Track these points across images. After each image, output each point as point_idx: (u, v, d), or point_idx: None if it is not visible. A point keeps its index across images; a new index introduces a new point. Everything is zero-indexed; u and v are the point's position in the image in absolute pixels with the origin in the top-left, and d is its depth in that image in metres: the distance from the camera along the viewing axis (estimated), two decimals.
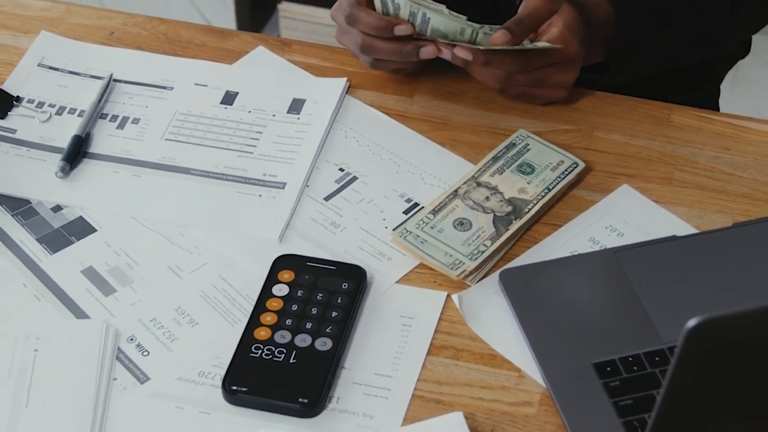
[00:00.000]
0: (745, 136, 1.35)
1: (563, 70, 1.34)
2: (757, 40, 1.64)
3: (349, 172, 1.32)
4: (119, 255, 1.24)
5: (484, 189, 1.28)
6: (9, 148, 1.35)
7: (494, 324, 1.17)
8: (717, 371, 0.88)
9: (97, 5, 2.99)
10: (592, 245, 1.24)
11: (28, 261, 1.23)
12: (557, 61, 1.32)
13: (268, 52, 1.46)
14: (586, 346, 1.14)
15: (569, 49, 1.31)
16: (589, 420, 1.09)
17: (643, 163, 1.32)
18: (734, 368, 0.88)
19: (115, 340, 1.16)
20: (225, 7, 3.05)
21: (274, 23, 2.92)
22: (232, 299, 1.20)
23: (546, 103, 1.38)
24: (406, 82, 1.41)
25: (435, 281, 1.21)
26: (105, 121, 1.38)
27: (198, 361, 1.15)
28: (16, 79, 1.42)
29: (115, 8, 1.56)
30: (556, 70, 1.33)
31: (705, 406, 0.91)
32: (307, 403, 1.10)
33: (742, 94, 2.88)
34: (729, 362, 0.88)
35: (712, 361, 0.87)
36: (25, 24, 1.49)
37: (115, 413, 1.10)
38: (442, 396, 1.12)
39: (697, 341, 0.84)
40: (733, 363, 0.88)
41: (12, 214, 1.28)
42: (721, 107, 1.67)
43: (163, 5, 3.06)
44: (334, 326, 1.15)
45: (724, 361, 0.87)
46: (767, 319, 0.86)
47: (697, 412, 0.91)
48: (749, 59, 2.88)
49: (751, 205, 1.28)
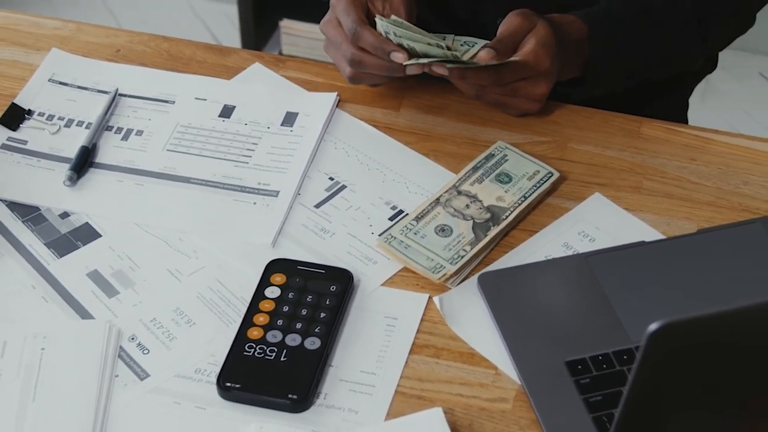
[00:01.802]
0: (710, 148, 1.34)
1: (535, 84, 1.32)
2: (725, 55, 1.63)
3: (338, 181, 1.31)
4: (122, 259, 1.23)
5: (464, 197, 1.27)
6: (20, 159, 1.33)
7: (473, 324, 1.16)
8: (677, 371, 0.87)
9: (114, 24, 2.99)
10: (566, 250, 1.23)
11: (37, 264, 1.22)
12: (529, 75, 1.31)
13: (263, 68, 1.44)
14: (558, 345, 1.13)
15: (541, 64, 1.30)
16: (561, 415, 1.08)
17: (614, 173, 1.31)
18: (694, 368, 0.88)
19: (117, 339, 1.15)
20: (231, 24, 3.04)
21: (276, 39, 2.90)
22: (227, 301, 1.18)
23: (520, 114, 1.37)
24: (392, 97, 1.40)
25: (418, 284, 1.20)
26: (110, 133, 1.37)
27: (195, 359, 1.13)
28: (28, 93, 1.41)
29: (128, 27, 1.54)
30: (528, 83, 1.32)
31: (667, 403, 0.90)
32: (296, 398, 1.09)
33: (711, 106, 2.87)
34: (689, 362, 0.87)
35: (673, 362, 0.86)
36: (38, 41, 1.48)
37: (116, 408, 1.09)
38: (424, 392, 1.11)
39: (658, 343, 0.83)
40: (692, 363, 0.87)
41: (22, 220, 1.27)
42: (691, 119, 1.65)
43: (173, 23, 3.05)
44: (322, 326, 1.14)
45: (684, 362, 0.86)
46: (725, 323, 0.85)
47: (659, 408, 0.90)
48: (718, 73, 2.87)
49: (716, 212, 1.27)
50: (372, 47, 1.29)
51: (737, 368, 0.90)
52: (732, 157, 1.33)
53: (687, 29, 1.40)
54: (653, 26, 1.39)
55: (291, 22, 2.84)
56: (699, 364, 0.88)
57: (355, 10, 1.31)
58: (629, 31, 1.37)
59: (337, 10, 1.33)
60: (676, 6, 1.39)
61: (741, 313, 0.85)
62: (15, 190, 1.29)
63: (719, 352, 0.87)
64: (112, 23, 3.00)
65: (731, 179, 1.30)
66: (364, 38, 1.29)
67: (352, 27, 1.30)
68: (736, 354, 0.88)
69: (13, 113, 1.38)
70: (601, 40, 1.36)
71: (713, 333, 0.85)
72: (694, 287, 1.18)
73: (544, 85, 1.33)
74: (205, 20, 3.08)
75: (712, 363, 0.88)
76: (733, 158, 1.33)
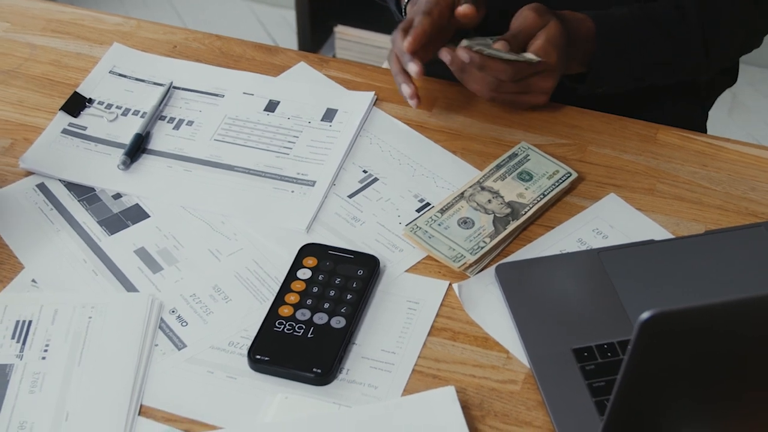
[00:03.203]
0: (721, 155, 1.33)
1: (544, 78, 1.33)
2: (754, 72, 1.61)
3: (371, 174, 1.32)
4: (168, 238, 1.24)
5: (487, 193, 1.27)
6: (79, 143, 1.35)
7: (488, 311, 1.17)
8: (668, 359, 0.87)
9: (180, 24, 3.02)
10: (580, 245, 1.23)
11: (89, 240, 1.24)
12: (540, 70, 1.32)
13: (308, 67, 1.46)
14: (567, 333, 1.13)
15: (549, 60, 1.30)
16: (566, 398, 1.08)
17: (630, 175, 1.31)
18: (685, 358, 0.88)
19: (158, 311, 1.16)
20: (290, 28, 3.06)
21: (331, 44, 2.91)
22: (262, 280, 1.20)
23: (529, 107, 1.38)
24: (426, 98, 1.41)
25: (439, 272, 1.20)
26: (163, 122, 1.38)
27: (229, 333, 1.15)
28: (90, 83, 1.43)
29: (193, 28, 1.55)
30: (539, 78, 1.33)
31: (660, 391, 0.90)
32: (320, 373, 1.10)
33: (738, 121, 2.85)
34: (679, 352, 0.87)
35: (664, 350, 0.86)
36: (101, 36, 1.50)
37: (154, 374, 1.11)
38: (439, 372, 1.11)
39: (649, 332, 0.83)
40: (683, 353, 0.87)
41: (78, 199, 1.29)
42: (717, 131, 1.63)
43: (236, 26, 3.07)
44: (348, 307, 1.15)
45: (674, 351, 0.86)
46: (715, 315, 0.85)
47: (652, 395, 0.91)
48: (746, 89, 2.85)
49: (723, 215, 1.26)
50: (398, 53, 1.31)
51: (727, 359, 0.90)
52: (742, 165, 1.32)
53: (691, 41, 1.40)
54: (658, 33, 1.39)
55: (345, 28, 2.85)
56: (690, 354, 0.88)
57: None
58: (634, 34, 1.37)
59: None
60: (683, 18, 1.38)
61: (730, 305, 0.85)
62: (73, 171, 1.31)
63: (710, 342, 0.87)
64: (179, 24, 3.03)
65: (739, 185, 1.30)
66: (396, 44, 1.31)
67: None
68: (726, 345, 0.88)
69: (75, 101, 1.40)
70: (607, 39, 1.36)
71: (703, 324, 0.85)
72: (698, 284, 1.18)
73: (551, 80, 1.33)
74: (265, 24, 3.10)
75: (703, 353, 0.88)
76: (743, 166, 1.32)
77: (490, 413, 1.07)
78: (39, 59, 1.46)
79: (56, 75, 1.44)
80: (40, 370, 1.10)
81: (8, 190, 1.29)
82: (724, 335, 0.87)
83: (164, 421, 1.07)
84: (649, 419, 0.95)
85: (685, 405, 0.94)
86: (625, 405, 0.89)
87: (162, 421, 1.07)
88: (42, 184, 1.30)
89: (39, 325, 1.14)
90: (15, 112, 1.39)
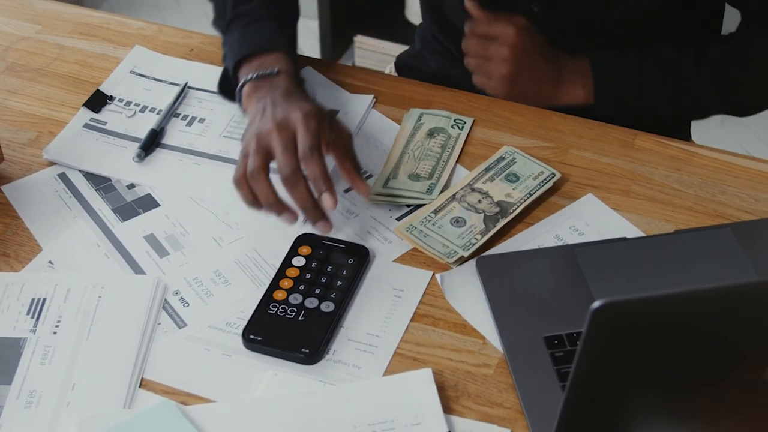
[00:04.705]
0: (693, 160, 1.33)
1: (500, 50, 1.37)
2: None
3: (366, 171, 1.32)
4: (175, 226, 1.25)
5: (477, 194, 1.27)
6: (99, 137, 1.36)
7: (468, 300, 1.17)
8: (620, 346, 0.86)
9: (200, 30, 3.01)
10: (557, 241, 1.23)
11: (103, 226, 1.25)
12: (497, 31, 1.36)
13: (314, 71, 1.46)
14: (539, 322, 1.13)
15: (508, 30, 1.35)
16: (535, 382, 1.08)
17: (607, 177, 1.31)
18: (635, 345, 0.87)
19: (163, 293, 1.17)
20: (314, 37, 3.06)
21: (350, 52, 2.92)
22: (260, 266, 1.20)
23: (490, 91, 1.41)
24: (421, 102, 1.41)
25: (424, 262, 1.21)
26: (177, 119, 1.39)
27: (226, 314, 1.15)
28: (112, 82, 1.44)
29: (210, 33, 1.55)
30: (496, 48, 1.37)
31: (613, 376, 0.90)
32: (308, 352, 1.10)
33: (729, 131, 2.83)
34: (630, 340, 0.86)
35: (615, 338, 0.85)
36: (124, 39, 1.51)
37: (156, 350, 1.12)
38: (419, 355, 1.12)
39: (600, 321, 0.82)
40: (634, 340, 0.86)
41: (95, 188, 1.30)
42: (708, 140, 1.59)
43: None
44: (337, 293, 1.16)
45: (625, 339, 0.86)
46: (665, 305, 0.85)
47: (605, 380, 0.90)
48: None
49: (692, 216, 1.26)
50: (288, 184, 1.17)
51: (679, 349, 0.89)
52: (712, 170, 1.31)
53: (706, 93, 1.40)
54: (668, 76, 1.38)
55: (363, 38, 2.85)
56: (642, 344, 0.87)
57: None
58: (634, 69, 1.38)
59: (298, 122, 1.17)
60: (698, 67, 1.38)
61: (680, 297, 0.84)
62: (92, 162, 1.32)
63: (661, 333, 0.86)
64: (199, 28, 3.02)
65: (709, 188, 1.29)
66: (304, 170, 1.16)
67: (307, 149, 1.16)
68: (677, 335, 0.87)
69: (97, 98, 1.41)
70: (606, 69, 1.36)
71: (653, 314, 0.85)
72: (665, 280, 1.17)
73: (507, 65, 1.36)
74: None
75: (655, 343, 0.87)
76: (714, 171, 1.31)
77: (464, 394, 1.08)
78: (66, 59, 1.48)
79: (82, 74, 1.45)
80: (51, 344, 1.11)
81: (32, 178, 1.30)
82: (675, 325, 0.86)
83: (162, 393, 1.08)
84: (606, 407, 0.94)
85: (641, 394, 0.93)
86: (580, 392, 0.89)
87: (160, 394, 1.07)
88: (63, 174, 1.31)
89: (52, 302, 1.15)
90: (42, 107, 1.40)
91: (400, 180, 1.29)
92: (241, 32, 1.34)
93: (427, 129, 1.35)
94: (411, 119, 1.37)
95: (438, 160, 1.31)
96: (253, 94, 1.27)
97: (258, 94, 1.26)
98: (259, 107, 1.23)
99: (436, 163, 1.31)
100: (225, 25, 1.37)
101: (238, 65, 1.31)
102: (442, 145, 1.33)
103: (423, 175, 1.29)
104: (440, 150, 1.33)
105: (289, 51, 1.33)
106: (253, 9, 1.36)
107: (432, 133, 1.34)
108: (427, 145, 1.33)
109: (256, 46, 1.31)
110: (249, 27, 1.34)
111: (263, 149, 1.17)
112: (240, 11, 1.36)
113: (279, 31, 1.35)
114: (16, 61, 1.47)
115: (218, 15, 1.40)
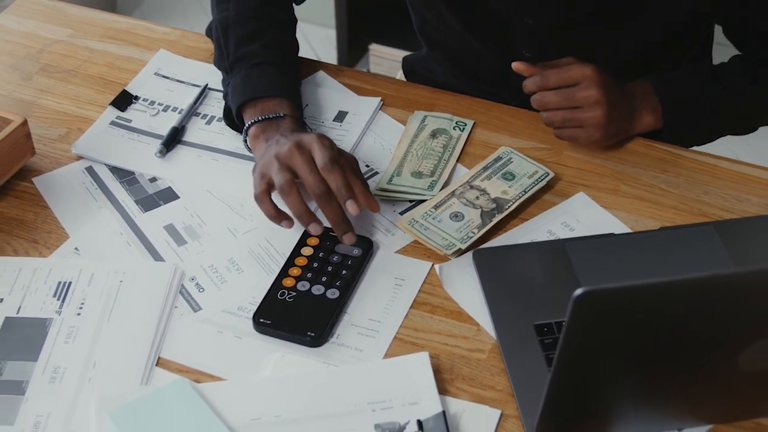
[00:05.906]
0: (679, 162, 1.33)
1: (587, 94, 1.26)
2: None
3: (372, 168, 1.33)
4: (193, 217, 1.26)
5: (475, 191, 1.28)
6: (124, 133, 1.38)
7: (464, 289, 1.17)
8: (602, 333, 0.87)
9: None
10: (549, 236, 1.23)
11: (126, 216, 1.26)
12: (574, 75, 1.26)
13: (325, 75, 1.47)
14: (531, 310, 1.13)
15: (585, 68, 1.26)
16: (525, 366, 1.09)
17: (598, 177, 1.31)
18: (616, 332, 0.88)
19: (180, 278, 1.18)
20: (332, 45, 3.07)
21: (366, 60, 2.93)
22: (271, 255, 1.21)
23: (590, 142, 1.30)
24: (426, 105, 1.42)
25: (425, 254, 1.21)
26: (197, 118, 1.40)
27: (239, 299, 1.16)
28: (137, 83, 1.45)
29: None
30: (580, 90, 1.26)
31: (595, 361, 0.90)
32: (314, 336, 1.11)
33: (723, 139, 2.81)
34: (611, 327, 0.87)
35: (597, 325, 0.86)
36: (150, 43, 1.52)
37: (172, 332, 1.13)
38: (417, 340, 1.12)
39: (582, 308, 0.83)
40: (615, 327, 0.87)
41: (120, 181, 1.31)
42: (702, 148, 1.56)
43: None
44: (342, 281, 1.16)
45: (607, 325, 0.87)
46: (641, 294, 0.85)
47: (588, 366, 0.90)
48: None
49: (677, 215, 1.26)
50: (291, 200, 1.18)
51: (658, 336, 0.89)
52: (697, 171, 1.32)
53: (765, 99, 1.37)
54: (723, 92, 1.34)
55: (378, 47, 2.86)
56: (623, 331, 0.88)
57: None
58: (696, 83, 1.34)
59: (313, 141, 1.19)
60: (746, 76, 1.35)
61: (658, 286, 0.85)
62: (117, 157, 1.34)
63: (641, 320, 0.87)
64: None
65: (694, 189, 1.29)
66: None
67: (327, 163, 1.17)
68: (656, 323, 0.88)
69: (123, 98, 1.42)
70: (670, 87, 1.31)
71: (633, 302, 0.85)
72: (650, 273, 1.17)
73: (600, 106, 1.25)
74: (310, 41, 3.12)
75: (635, 330, 0.88)
76: (698, 172, 1.32)
77: (459, 377, 1.08)
78: (96, 61, 1.49)
79: (109, 75, 1.47)
80: (75, 324, 1.12)
81: (61, 171, 1.32)
82: (654, 313, 0.87)
83: (177, 371, 1.09)
84: (589, 390, 0.95)
85: (623, 378, 0.94)
86: (564, 376, 0.90)
87: (175, 372, 1.09)
88: (90, 167, 1.32)
89: (77, 286, 1.16)
90: (72, 105, 1.42)
91: (403, 177, 1.29)
92: (244, 76, 1.30)
93: (430, 130, 1.36)
94: (415, 121, 1.38)
95: (440, 159, 1.32)
96: (261, 134, 1.26)
97: (266, 134, 1.25)
98: (271, 141, 1.22)
99: (438, 162, 1.32)
100: (227, 66, 1.33)
101: (241, 107, 1.30)
102: (444, 145, 1.34)
103: (425, 173, 1.30)
104: (442, 150, 1.33)
105: (291, 96, 1.31)
106: (255, 52, 1.32)
107: (435, 134, 1.35)
108: (429, 145, 1.34)
109: (258, 90, 1.28)
110: (252, 71, 1.30)
111: (287, 167, 1.18)
112: (241, 54, 1.33)
113: (281, 76, 1.31)
114: (49, 63, 1.48)
115: (219, 56, 1.35)
